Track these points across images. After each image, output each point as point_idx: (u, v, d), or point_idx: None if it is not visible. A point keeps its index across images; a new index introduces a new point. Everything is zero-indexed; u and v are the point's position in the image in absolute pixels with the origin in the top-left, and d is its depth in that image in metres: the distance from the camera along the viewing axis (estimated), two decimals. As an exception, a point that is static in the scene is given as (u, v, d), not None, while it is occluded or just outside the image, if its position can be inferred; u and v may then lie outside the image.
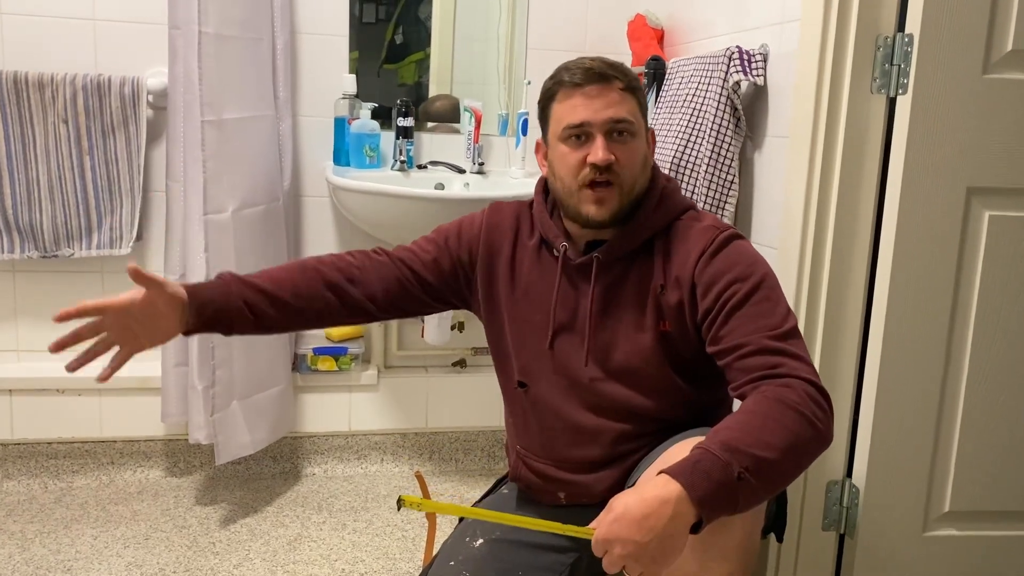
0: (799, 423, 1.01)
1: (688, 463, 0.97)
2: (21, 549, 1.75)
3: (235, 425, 1.96)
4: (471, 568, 1.34)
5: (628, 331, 1.23)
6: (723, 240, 1.18)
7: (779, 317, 1.12)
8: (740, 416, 1.02)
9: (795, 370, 1.07)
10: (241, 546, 1.81)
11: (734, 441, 0.98)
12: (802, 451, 1.02)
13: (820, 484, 1.51)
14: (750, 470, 0.96)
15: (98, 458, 2.09)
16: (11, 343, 2.08)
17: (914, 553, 1.50)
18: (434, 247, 1.34)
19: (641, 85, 1.22)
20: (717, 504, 0.96)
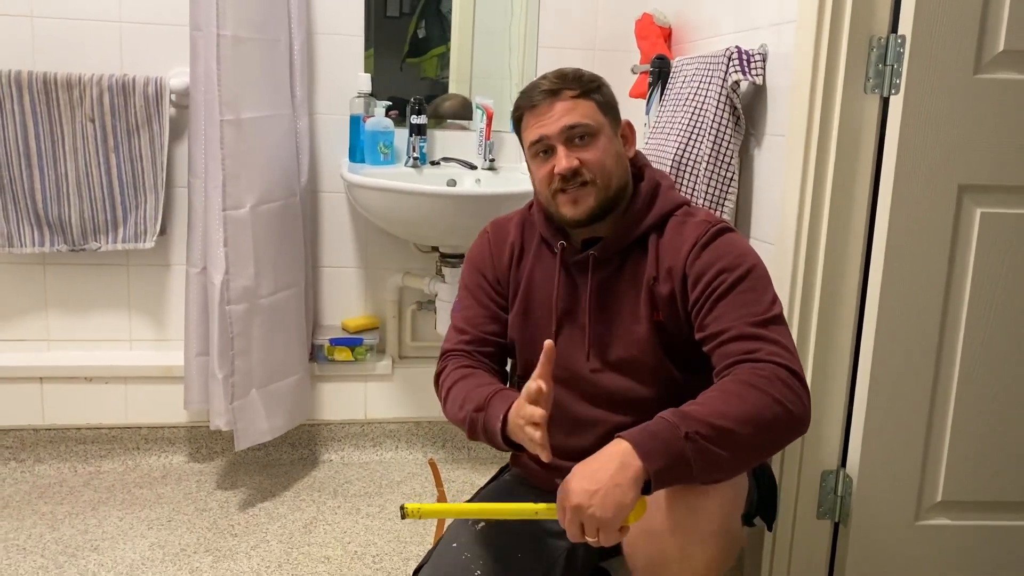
0: (762, 399, 1.07)
1: (640, 426, 1.06)
2: (52, 528, 1.84)
3: (254, 412, 2.03)
4: (472, 551, 1.40)
5: (625, 322, 1.28)
6: (714, 233, 1.23)
7: (763, 305, 1.17)
8: (704, 393, 1.10)
9: (772, 355, 1.12)
10: (259, 528, 1.89)
11: (690, 411, 1.06)
12: (764, 426, 1.07)
13: (815, 473, 1.55)
14: (701, 434, 1.03)
15: (124, 443, 2.18)
16: (42, 333, 2.17)
17: (907, 541, 1.54)
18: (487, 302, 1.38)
19: (601, 86, 1.27)
20: (663, 461, 1.03)
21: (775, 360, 1.10)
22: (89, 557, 1.73)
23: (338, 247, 2.27)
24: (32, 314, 2.16)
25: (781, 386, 1.08)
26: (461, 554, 1.40)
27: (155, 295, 2.20)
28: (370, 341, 2.25)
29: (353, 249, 2.28)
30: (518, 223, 1.39)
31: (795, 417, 1.09)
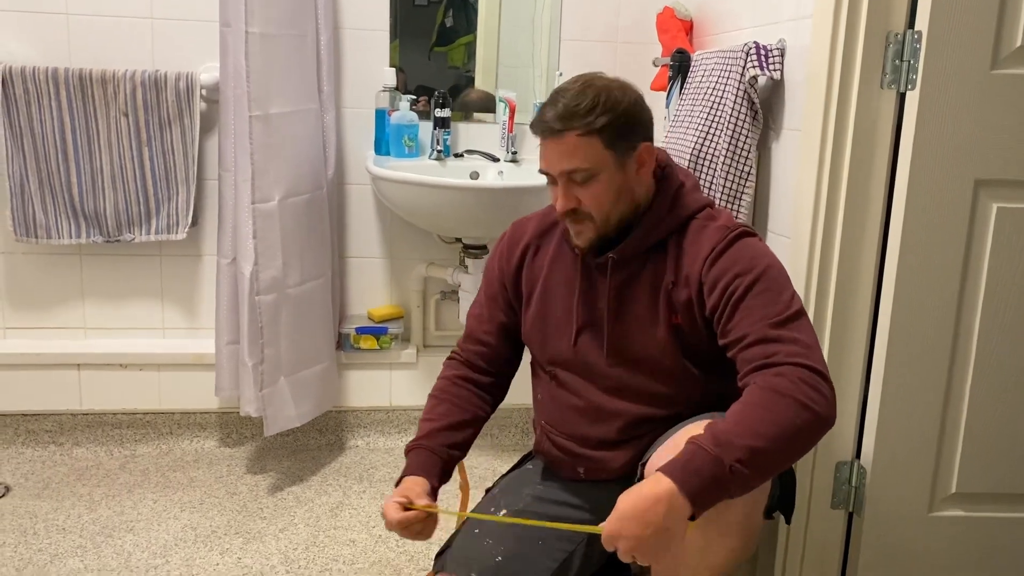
0: (790, 408, 1.08)
1: (680, 460, 1.07)
2: (89, 510, 1.92)
3: (283, 399, 2.09)
4: (494, 537, 1.44)
5: (643, 325, 1.31)
6: (732, 239, 1.25)
7: (781, 304, 1.18)
8: (733, 409, 1.11)
9: (791, 356, 1.13)
10: (287, 511, 1.95)
11: (724, 434, 1.07)
12: (795, 435, 1.09)
13: (829, 465, 1.57)
14: (741, 461, 1.05)
15: (158, 428, 2.25)
16: (79, 321, 2.24)
17: (920, 532, 1.55)
18: (491, 304, 1.46)
19: (613, 118, 1.22)
20: (708, 496, 1.06)
21: (794, 361, 1.12)
22: (125, 537, 1.80)
23: (364, 238, 2.32)
24: (69, 303, 2.23)
25: (806, 388, 1.10)
26: (483, 540, 1.44)
27: (187, 285, 2.27)
28: (395, 330, 2.30)
29: (378, 240, 2.32)
30: (537, 222, 1.43)
31: (822, 418, 1.10)
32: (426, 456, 1.39)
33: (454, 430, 1.42)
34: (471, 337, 1.47)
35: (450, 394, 1.44)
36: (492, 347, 1.46)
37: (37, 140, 2.06)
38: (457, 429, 1.43)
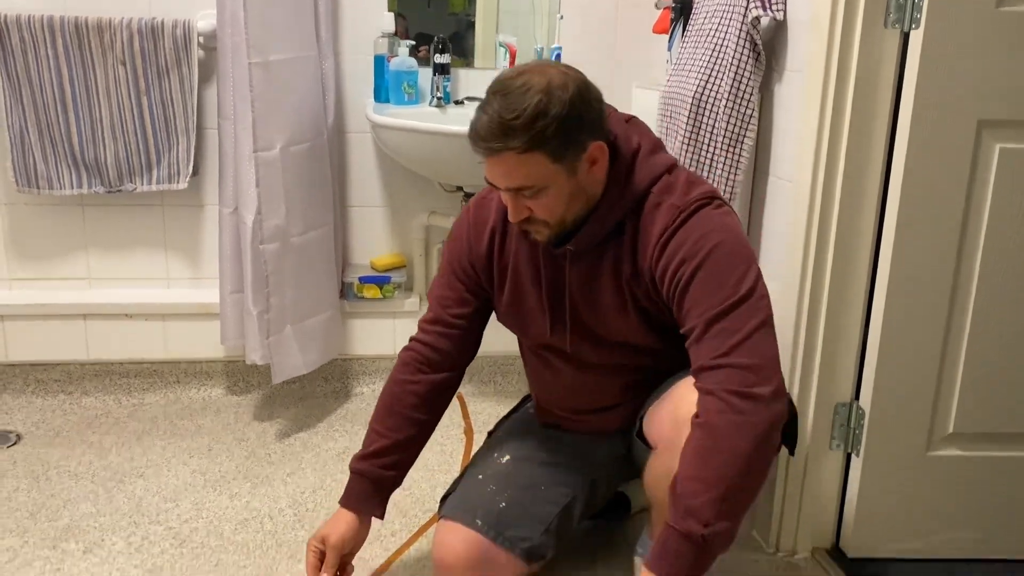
0: (729, 448, 1.08)
1: (659, 550, 1.10)
2: (99, 457, 1.95)
3: (289, 347, 2.11)
4: (497, 482, 1.47)
5: (613, 311, 1.30)
6: (681, 220, 1.20)
7: (727, 290, 1.15)
8: (683, 459, 1.11)
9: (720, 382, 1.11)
10: (294, 457, 1.98)
11: (684, 498, 1.08)
12: (747, 466, 1.09)
13: (828, 406, 1.59)
14: (710, 523, 1.06)
15: (165, 377, 2.28)
16: (83, 272, 2.25)
17: (918, 472, 1.58)
18: (456, 283, 1.42)
19: (554, 129, 1.12)
20: (700, 567, 1.08)
21: (724, 389, 1.10)
22: (135, 483, 1.84)
23: (365, 187, 2.31)
24: (73, 254, 2.24)
25: (736, 415, 1.09)
26: (487, 486, 1.47)
27: (190, 235, 2.27)
28: (397, 279, 2.31)
29: (379, 189, 2.32)
30: (499, 205, 1.36)
31: (761, 430, 1.09)
32: (367, 486, 1.42)
33: (401, 449, 1.43)
34: (438, 321, 1.43)
35: (404, 405, 1.42)
36: (459, 331, 1.42)
37: (35, 90, 2.05)
38: (405, 448, 1.43)
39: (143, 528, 1.67)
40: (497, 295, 1.39)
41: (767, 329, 1.14)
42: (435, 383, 1.43)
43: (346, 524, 1.41)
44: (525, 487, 1.46)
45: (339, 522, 1.41)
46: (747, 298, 1.14)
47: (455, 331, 1.42)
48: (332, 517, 1.43)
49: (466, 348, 1.45)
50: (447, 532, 1.45)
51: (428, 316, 1.45)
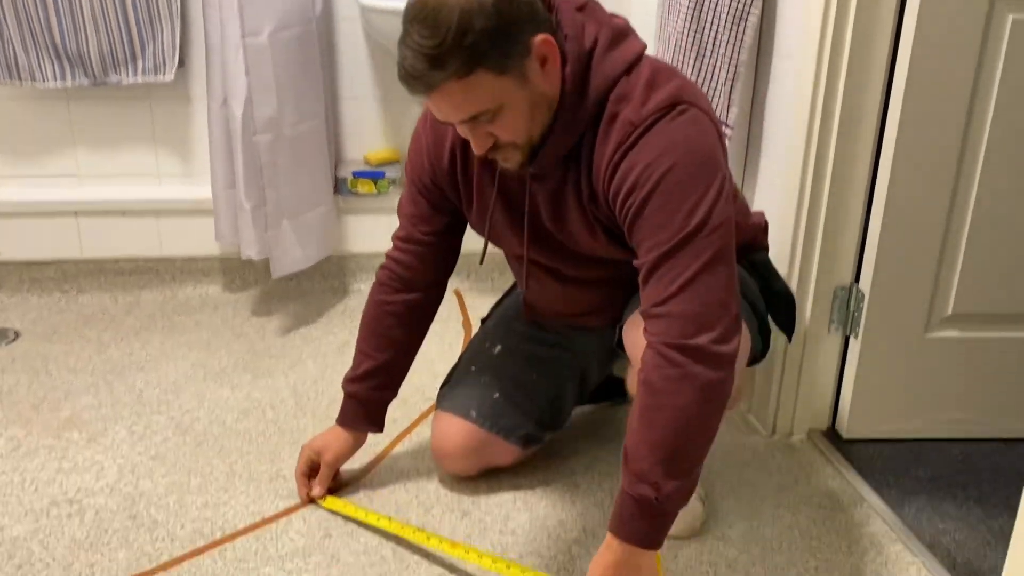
0: (674, 404, 1.02)
1: (616, 514, 1.06)
2: (98, 352, 1.95)
3: (287, 242, 2.08)
4: (490, 374, 1.48)
5: (580, 232, 1.22)
6: (633, 140, 1.07)
7: (675, 224, 1.04)
8: (630, 422, 1.06)
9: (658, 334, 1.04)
10: (294, 350, 1.99)
11: (634, 462, 1.03)
12: (691, 421, 1.03)
13: (828, 289, 1.58)
14: (660, 484, 1.02)
15: (161, 275, 2.27)
16: (72, 169, 2.21)
17: (916, 354, 1.59)
18: (421, 200, 1.34)
19: (486, 33, 1.00)
20: (659, 530, 1.06)
21: (665, 341, 1.03)
22: (136, 376, 1.84)
23: (357, 78, 2.25)
24: (61, 150, 2.20)
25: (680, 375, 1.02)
26: (480, 378, 1.48)
27: (179, 130, 2.22)
28: (392, 174, 2.27)
29: (371, 80, 2.26)
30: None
31: (712, 387, 1.03)
32: (361, 408, 1.42)
33: (389, 370, 1.42)
34: (409, 239, 1.37)
35: (384, 326, 1.40)
36: (432, 248, 1.36)
37: (11, -24, 1.97)
38: (392, 368, 1.43)
39: (145, 418, 1.68)
40: (466, 209, 1.32)
41: (715, 267, 1.03)
42: (412, 303, 1.40)
43: (342, 442, 1.43)
44: (518, 378, 1.47)
45: (336, 439, 1.42)
46: (695, 233, 1.03)
47: (427, 249, 1.36)
48: (329, 432, 1.44)
49: (441, 263, 1.40)
50: (444, 424, 1.46)
51: (399, 233, 1.40)
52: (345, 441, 1.42)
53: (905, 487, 1.50)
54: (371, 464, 1.54)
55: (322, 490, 1.41)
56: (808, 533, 1.38)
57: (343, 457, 1.44)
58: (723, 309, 1.04)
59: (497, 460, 1.48)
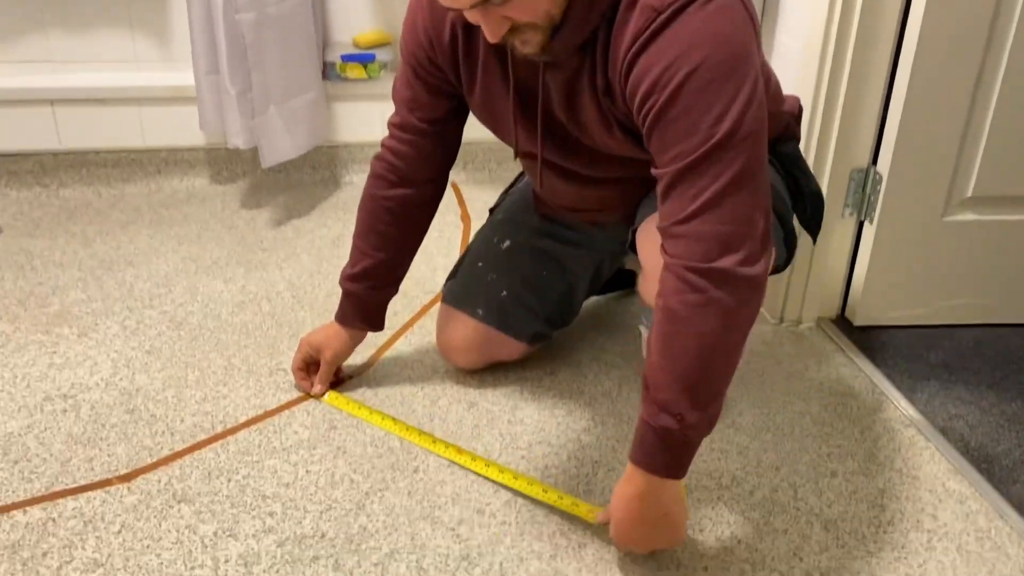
0: (697, 332, 0.94)
1: (637, 444, 0.99)
2: (84, 246, 1.88)
3: (275, 129, 1.99)
4: (498, 271, 1.42)
5: (595, 127, 1.11)
6: (654, 30, 0.94)
7: (700, 133, 0.92)
8: (651, 346, 0.98)
9: (680, 256, 0.94)
10: (288, 243, 1.92)
11: (656, 391, 0.96)
12: (714, 350, 0.95)
13: (843, 172, 1.52)
14: (684, 415, 0.95)
15: (145, 167, 2.17)
16: (44, 54, 2.08)
17: (932, 237, 1.54)
18: (417, 83, 1.21)
19: None
20: (682, 460, 0.99)
21: (686, 264, 0.93)
22: (125, 270, 1.78)
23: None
24: (31, 34, 2.07)
25: (703, 302, 0.93)
26: (487, 275, 1.42)
27: (156, 11, 2.09)
28: (383, 57, 2.16)
29: (360, -45, 2.12)
30: None
31: (738, 312, 0.94)
32: (360, 306, 1.36)
33: (388, 268, 1.35)
34: (406, 126, 1.25)
35: (382, 222, 1.32)
36: (430, 137, 1.25)
37: None
38: (391, 266, 1.36)
39: (137, 313, 1.63)
40: (468, 94, 1.20)
41: (744, 182, 0.92)
42: (410, 199, 1.30)
43: (341, 341, 1.38)
44: (526, 275, 1.41)
45: (335, 337, 1.37)
46: (723, 144, 0.91)
47: (425, 138, 1.25)
48: (327, 329, 1.39)
49: (440, 155, 1.29)
50: (450, 320, 1.42)
51: (394, 119, 1.27)
52: (344, 339, 1.38)
53: (917, 373, 1.48)
54: (373, 358, 1.50)
55: (323, 388, 1.37)
56: (820, 420, 1.37)
57: (342, 355, 1.39)
58: (751, 227, 0.93)
59: (503, 356, 1.44)
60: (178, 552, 1.07)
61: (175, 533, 1.10)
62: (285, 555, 1.07)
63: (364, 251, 1.34)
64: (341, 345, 1.37)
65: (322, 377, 1.37)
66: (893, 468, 1.26)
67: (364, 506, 1.15)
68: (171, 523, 1.12)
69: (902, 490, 1.22)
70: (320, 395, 1.37)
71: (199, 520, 1.12)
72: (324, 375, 1.37)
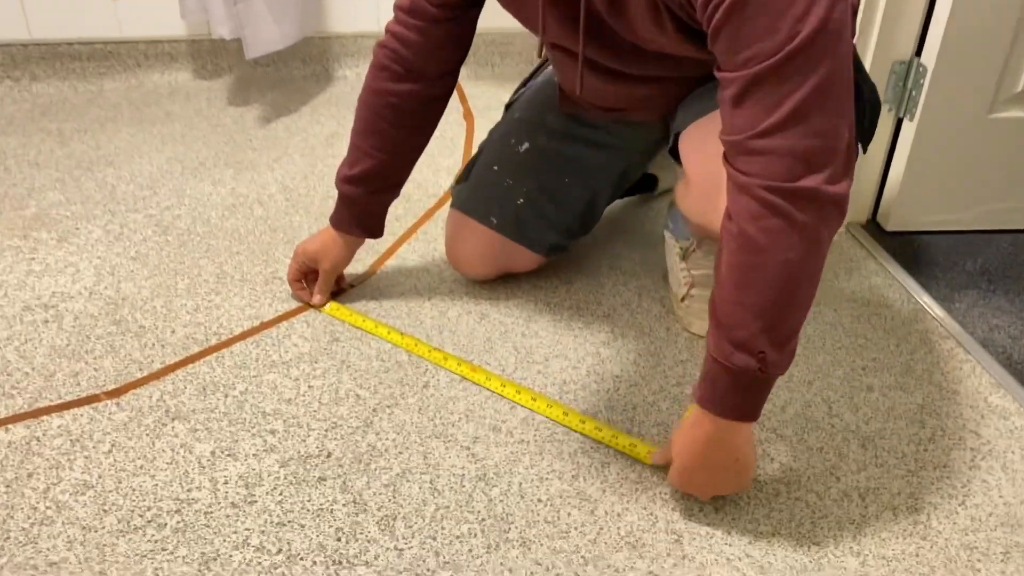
0: (779, 262, 0.82)
1: (709, 385, 0.88)
2: (61, 145, 1.76)
3: (260, 17, 1.84)
4: (515, 176, 1.30)
5: (642, 20, 0.96)
6: None
7: (779, 34, 0.77)
8: (724, 277, 0.86)
9: (757, 174, 0.81)
10: (279, 142, 1.80)
11: (731, 330, 0.85)
12: (798, 281, 0.84)
13: (884, 65, 1.40)
14: (765, 353, 0.84)
15: (123, 60, 2.02)
16: (7, -68, 1.91)
17: (976, 136, 1.43)
18: None
19: None
20: (756, 403, 0.89)
21: (767, 184, 0.80)
22: (106, 171, 1.66)
23: None
24: (-10, -90, 1.89)
25: (786, 228, 0.81)
26: (503, 180, 1.30)
27: None
28: (379, -61, 1.99)
29: None
30: None
31: (824, 238, 0.83)
32: (359, 211, 1.25)
33: (390, 171, 1.23)
34: (415, 10, 1.12)
35: (385, 120, 1.18)
36: (444, 24, 1.12)
37: None
38: (394, 169, 1.23)
39: (120, 217, 1.52)
40: None
41: (832, 87, 0.79)
42: (416, 95, 1.17)
43: (339, 248, 1.27)
44: (546, 183, 1.30)
45: (332, 244, 1.26)
46: (810, 43, 0.77)
47: (437, 25, 1.12)
48: (323, 235, 1.28)
49: (452, 46, 1.16)
50: (461, 227, 1.31)
51: (403, 2, 1.14)
52: (341, 247, 1.27)
53: (954, 282, 1.39)
54: (374, 266, 1.40)
55: (323, 298, 1.28)
56: (852, 331, 1.29)
57: (341, 264, 1.29)
58: (837, 141, 0.81)
59: (518, 267, 1.34)
60: (174, 473, 1.00)
61: (170, 453, 1.03)
62: (289, 476, 1.00)
63: (364, 151, 1.22)
64: (338, 253, 1.27)
65: (321, 287, 1.28)
66: (932, 382, 1.19)
67: (372, 423, 1.08)
68: (165, 442, 1.04)
69: (942, 406, 1.15)
70: (320, 305, 1.28)
71: (195, 439, 1.05)
72: (323, 285, 1.28)
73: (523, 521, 0.95)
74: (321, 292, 1.28)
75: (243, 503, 0.96)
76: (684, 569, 0.90)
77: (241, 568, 0.88)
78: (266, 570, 0.88)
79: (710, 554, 0.92)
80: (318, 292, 1.28)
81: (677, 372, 1.18)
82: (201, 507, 0.95)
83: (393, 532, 0.93)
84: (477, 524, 0.94)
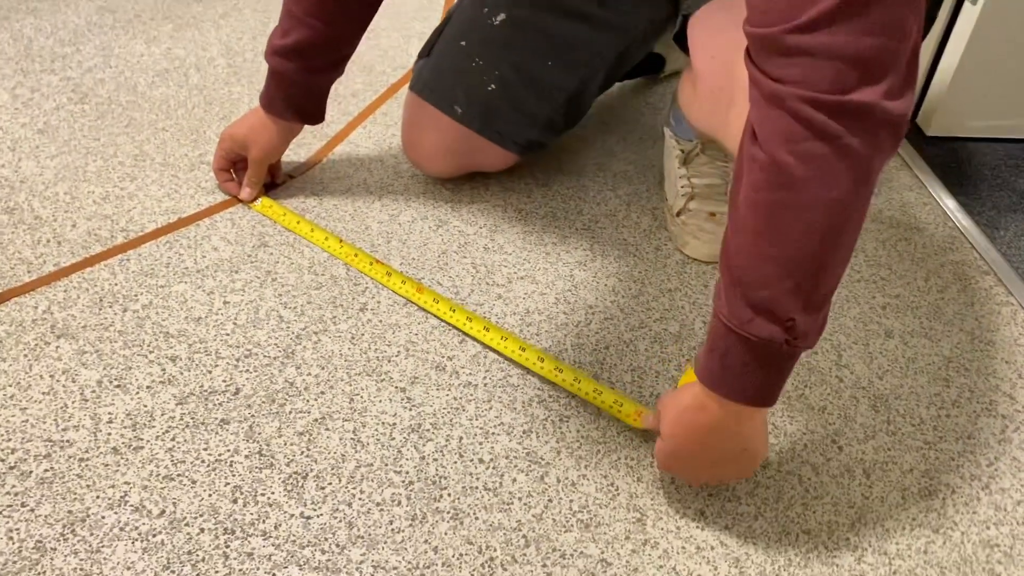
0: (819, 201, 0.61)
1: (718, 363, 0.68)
2: (-24, -13, 1.52)
3: None
4: (486, 55, 1.07)
5: None
6: None
7: None
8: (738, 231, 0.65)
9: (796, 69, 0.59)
10: (229, -5, 1.56)
11: (757, 293, 0.64)
12: (843, 226, 0.62)
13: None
14: (795, 328, 0.64)
15: None
16: None
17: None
18: None
19: None
20: (781, 379, 0.68)
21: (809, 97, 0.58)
22: (24, 20, 1.44)
23: None
24: None
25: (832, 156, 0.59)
26: (471, 59, 1.07)
27: None
28: None
29: None
30: None
31: (875, 172, 0.62)
32: (294, 91, 1.03)
33: (331, 45, 1.02)
34: None
35: None
36: None
37: None
38: (336, 42, 1.02)
39: (33, 78, 1.30)
40: None
41: None
42: None
43: (271, 134, 1.06)
44: (525, 65, 1.06)
45: (263, 130, 1.05)
46: None
47: None
48: (251, 118, 1.06)
49: None
50: (420, 115, 1.10)
51: None
52: (273, 133, 1.06)
53: (1002, 203, 1.19)
54: (320, 154, 1.20)
55: (253, 192, 1.09)
56: (875, 260, 1.09)
57: (273, 153, 1.09)
58: (902, 39, 0.59)
59: (486, 166, 1.14)
60: (49, 407, 0.84)
61: (48, 380, 0.86)
62: (186, 416, 0.84)
63: (298, 17, 0.99)
64: (269, 140, 1.06)
65: (251, 179, 1.08)
66: (963, 329, 1.00)
67: (293, 353, 0.91)
68: (44, 366, 0.88)
69: (973, 359, 0.97)
70: (249, 200, 1.09)
71: (81, 363, 0.88)
72: (253, 177, 1.08)
73: (458, 487, 0.79)
74: (251, 185, 1.09)
75: (126, 449, 0.80)
76: (643, 558, 0.75)
77: (113, 533, 0.73)
78: (141, 536, 0.73)
79: (677, 539, 0.76)
80: (247, 185, 1.09)
81: (662, 304, 1.00)
82: (76, 452, 0.80)
83: (301, 494, 0.78)
84: (403, 488, 0.79)
